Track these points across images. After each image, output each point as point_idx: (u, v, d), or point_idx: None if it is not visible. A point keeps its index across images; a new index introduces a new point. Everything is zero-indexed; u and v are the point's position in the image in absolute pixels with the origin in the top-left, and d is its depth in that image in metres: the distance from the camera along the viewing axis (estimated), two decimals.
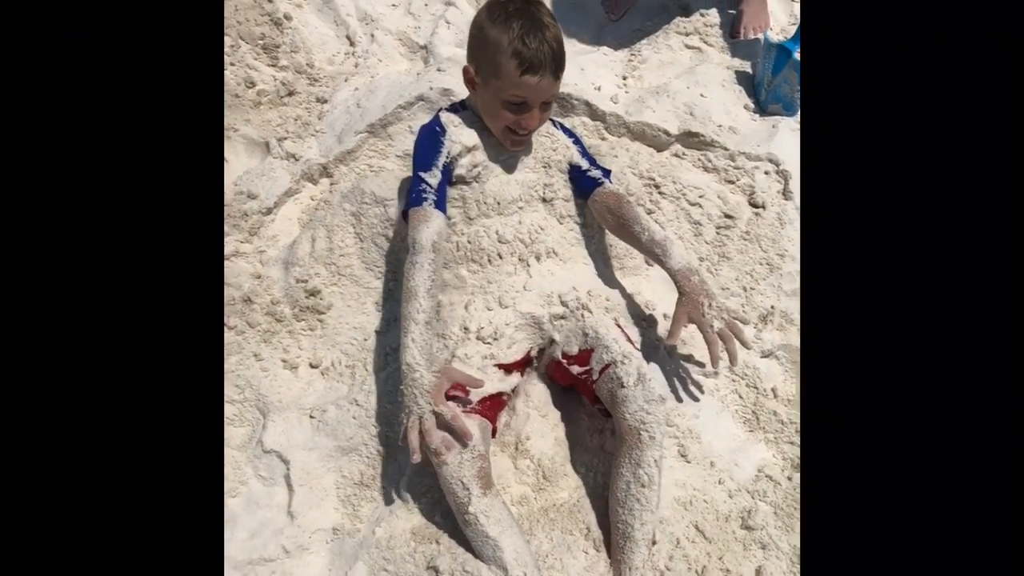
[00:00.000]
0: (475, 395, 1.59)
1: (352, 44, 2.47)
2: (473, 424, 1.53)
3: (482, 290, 1.72)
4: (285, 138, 2.15)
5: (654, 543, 1.57)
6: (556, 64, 1.62)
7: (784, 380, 1.97)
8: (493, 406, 1.64)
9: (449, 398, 1.55)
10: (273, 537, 1.57)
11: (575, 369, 1.70)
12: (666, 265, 1.78)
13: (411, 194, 1.68)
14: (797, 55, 2.27)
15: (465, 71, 1.73)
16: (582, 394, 1.77)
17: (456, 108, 1.84)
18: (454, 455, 1.48)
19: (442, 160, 1.71)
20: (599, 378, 1.65)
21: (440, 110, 1.84)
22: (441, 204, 1.68)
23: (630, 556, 1.53)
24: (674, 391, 1.84)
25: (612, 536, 1.58)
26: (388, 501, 1.62)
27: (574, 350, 1.71)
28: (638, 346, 1.76)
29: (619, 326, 1.75)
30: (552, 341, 1.73)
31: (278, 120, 2.25)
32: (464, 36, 2.47)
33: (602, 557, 1.58)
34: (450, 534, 1.57)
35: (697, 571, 1.58)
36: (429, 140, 1.74)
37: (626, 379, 1.57)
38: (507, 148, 1.77)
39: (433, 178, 1.68)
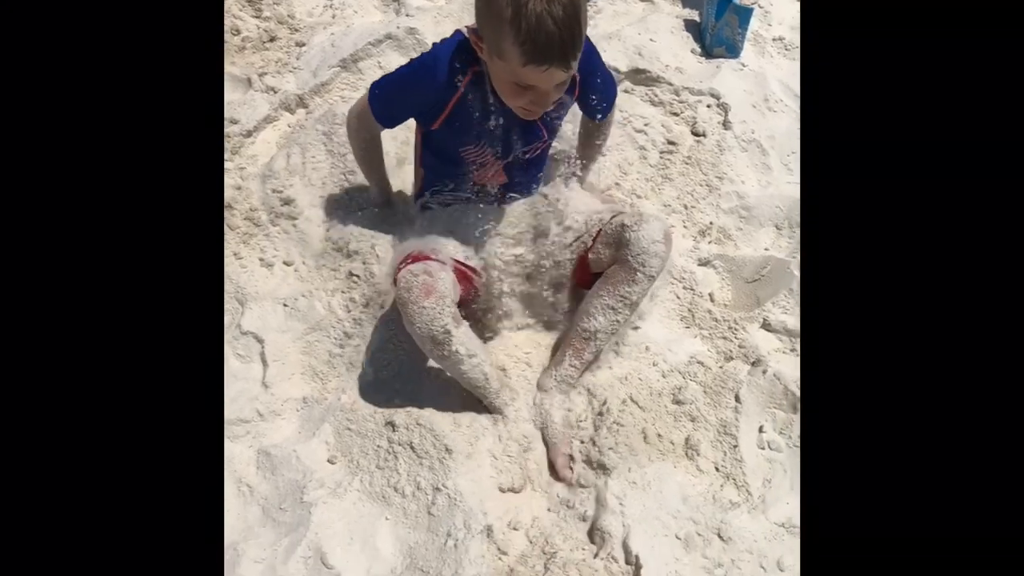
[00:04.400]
0: (444, 257, 1.71)
1: None
2: (448, 273, 1.63)
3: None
4: (265, 73, 2.35)
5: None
6: (565, 53, 1.41)
7: (721, 287, 2.16)
8: (462, 277, 1.74)
9: (427, 258, 1.67)
10: (249, 403, 1.75)
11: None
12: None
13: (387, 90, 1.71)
14: (737, 0, 2.47)
15: (472, 33, 1.55)
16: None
17: (471, 58, 1.60)
18: (433, 300, 1.55)
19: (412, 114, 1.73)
20: (594, 243, 1.76)
21: (457, 59, 1.59)
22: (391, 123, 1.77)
23: (581, 351, 1.72)
24: None
25: (569, 336, 1.76)
26: (352, 374, 1.81)
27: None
28: None
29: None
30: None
31: (260, 63, 2.45)
32: None
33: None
34: (406, 398, 1.75)
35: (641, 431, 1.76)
36: (423, 90, 1.64)
37: (630, 221, 1.67)
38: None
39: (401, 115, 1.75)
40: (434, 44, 1.66)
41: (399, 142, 2.18)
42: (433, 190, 1.85)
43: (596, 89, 1.77)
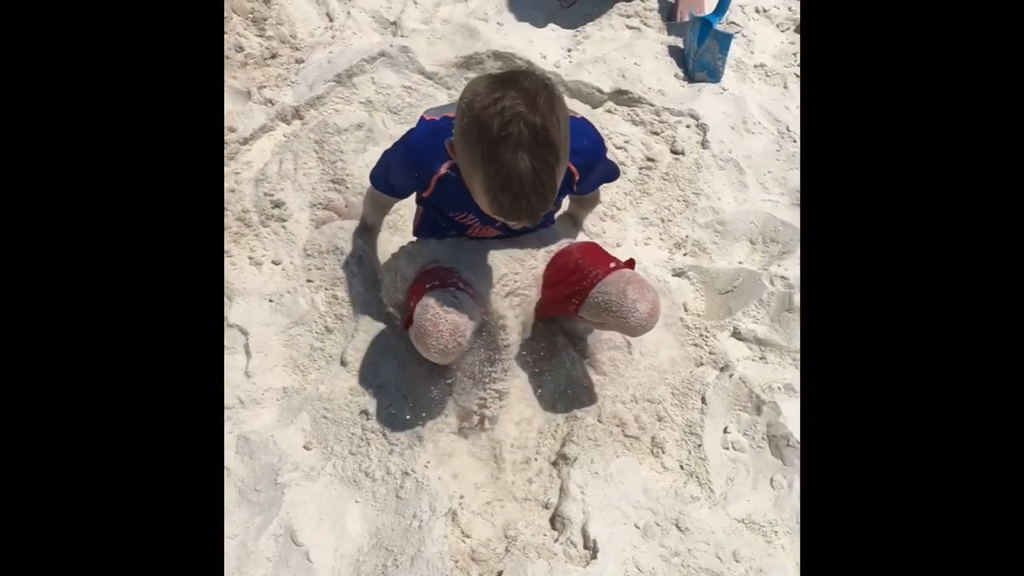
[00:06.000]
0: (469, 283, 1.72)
1: (331, 20, 2.80)
2: (477, 311, 1.66)
3: None
4: (265, 87, 2.47)
5: None
6: (532, 213, 1.38)
7: (694, 297, 2.23)
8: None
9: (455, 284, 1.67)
10: (231, 390, 1.83)
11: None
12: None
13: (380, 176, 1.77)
14: (718, 26, 2.57)
15: (449, 145, 1.47)
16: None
17: (445, 153, 1.53)
18: (456, 340, 1.58)
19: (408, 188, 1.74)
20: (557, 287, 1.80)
21: (432, 151, 1.57)
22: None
23: None
24: None
25: None
26: (332, 366, 1.89)
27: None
28: None
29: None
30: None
31: (261, 78, 2.56)
32: (428, 15, 2.81)
33: None
34: (379, 389, 1.83)
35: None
36: (404, 177, 1.70)
37: (616, 298, 1.66)
38: None
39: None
40: (409, 132, 1.66)
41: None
42: (430, 231, 1.85)
43: (591, 182, 1.79)
